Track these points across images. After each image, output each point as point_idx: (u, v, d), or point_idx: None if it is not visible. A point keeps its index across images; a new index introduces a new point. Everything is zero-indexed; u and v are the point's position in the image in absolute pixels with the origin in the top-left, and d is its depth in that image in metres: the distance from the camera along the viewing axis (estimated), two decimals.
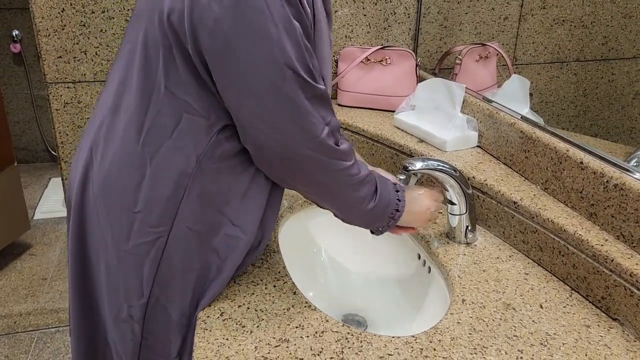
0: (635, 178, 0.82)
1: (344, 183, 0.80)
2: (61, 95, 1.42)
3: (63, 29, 1.36)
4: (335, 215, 0.88)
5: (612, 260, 0.80)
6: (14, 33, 3.14)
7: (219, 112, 0.74)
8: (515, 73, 1.40)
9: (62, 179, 1.52)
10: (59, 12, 1.34)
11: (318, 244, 1.20)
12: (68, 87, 1.42)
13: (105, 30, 1.39)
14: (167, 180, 0.75)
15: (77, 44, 1.38)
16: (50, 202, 2.97)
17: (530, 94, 1.30)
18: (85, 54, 1.40)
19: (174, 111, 0.73)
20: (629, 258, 0.79)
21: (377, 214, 0.86)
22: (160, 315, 0.80)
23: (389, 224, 0.89)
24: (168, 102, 0.73)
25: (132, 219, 0.76)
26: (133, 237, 0.76)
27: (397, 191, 0.89)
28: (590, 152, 0.92)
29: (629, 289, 0.77)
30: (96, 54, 1.41)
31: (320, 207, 0.88)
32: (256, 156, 0.76)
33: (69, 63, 1.39)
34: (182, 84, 0.72)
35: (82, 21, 1.37)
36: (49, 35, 1.35)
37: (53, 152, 3.45)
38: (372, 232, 0.92)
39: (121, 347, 0.84)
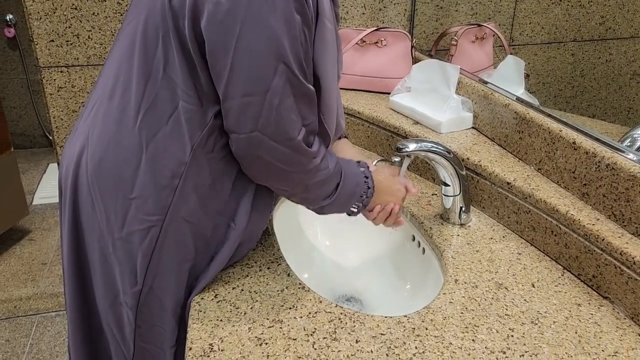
0: (627, 158, 0.82)
1: (311, 178, 0.78)
2: (55, 79, 1.41)
3: (54, 12, 1.35)
4: (308, 208, 0.86)
5: (603, 240, 0.80)
6: (7, 17, 3.11)
7: (210, 101, 0.73)
8: (511, 54, 1.39)
9: (58, 164, 1.52)
10: None
11: (313, 227, 1.20)
12: (61, 71, 1.41)
13: (98, 14, 1.38)
14: (164, 169, 0.74)
15: (69, 27, 1.37)
16: (49, 188, 2.98)
17: (527, 75, 1.29)
18: (78, 37, 1.39)
19: (171, 97, 0.73)
20: (619, 237, 0.80)
21: (344, 200, 0.84)
22: (154, 303, 0.80)
23: (359, 207, 0.87)
24: (166, 88, 0.72)
25: (128, 205, 0.76)
26: (127, 224, 0.76)
27: (366, 177, 0.87)
28: (583, 132, 0.91)
29: (619, 268, 0.78)
30: (89, 38, 1.40)
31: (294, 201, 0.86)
32: (233, 145, 0.75)
33: (61, 47, 1.38)
34: (178, 70, 0.72)
35: (73, 4, 1.35)
36: (40, 18, 1.34)
37: (50, 137, 3.45)
38: (347, 214, 0.90)
39: (118, 332, 0.84)
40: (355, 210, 0.88)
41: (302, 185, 0.79)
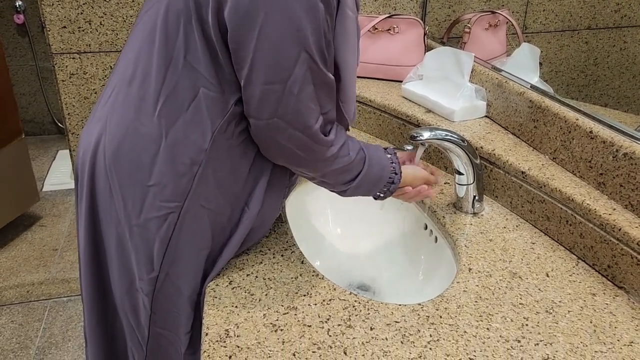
0: None
1: (328, 166, 0.79)
2: (67, 66, 1.41)
3: None
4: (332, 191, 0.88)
5: (620, 229, 0.80)
6: (17, 4, 3.11)
7: (232, 89, 0.73)
8: (525, 41, 1.37)
9: (70, 151, 1.52)
10: None
11: (325, 214, 1.20)
12: (73, 58, 1.41)
13: (109, 0, 1.38)
14: (183, 156, 0.74)
15: (82, 13, 1.37)
16: (59, 174, 2.99)
17: (540, 63, 1.28)
18: (90, 23, 1.39)
19: (192, 84, 0.73)
20: (636, 227, 0.79)
21: (370, 185, 0.85)
22: (170, 290, 0.80)
23: (386, 192, 0.89)
24: (186, 75, 0.72)
25: (146, 192, 0.76)
26: (145, 211, 0.76)
27: (392, 162, 0.87)
28: (600, 121, 0.91)
29: (636, 258, 0.77)
30: (101, 24, 1.39)
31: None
32: (253, 130, 0.75)
33: (73, 33, 1.38)
34: (200, 58, 0.71)
35: None
36: (52, 4, 1.34)
37: (60, 125, 3.46)
38: (374, 198, 0.91)
39: (133, 318, 0.85)
40: (382, 195, 0.89)
41: (319, 172, 0.80)
